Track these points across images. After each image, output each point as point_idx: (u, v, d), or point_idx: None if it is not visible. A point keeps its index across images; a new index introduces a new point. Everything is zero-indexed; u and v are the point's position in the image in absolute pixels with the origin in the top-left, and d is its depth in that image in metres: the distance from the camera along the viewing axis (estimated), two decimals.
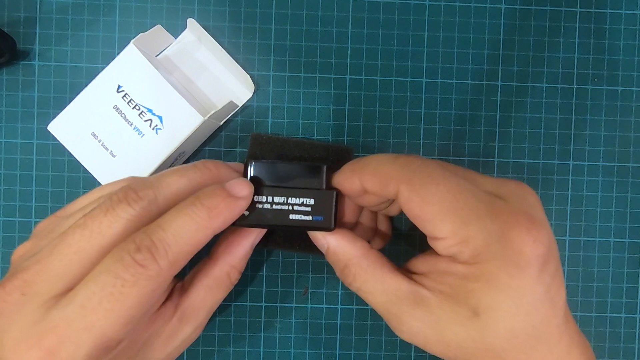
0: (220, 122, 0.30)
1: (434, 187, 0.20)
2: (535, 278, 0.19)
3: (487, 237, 0.19)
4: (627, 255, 0.31)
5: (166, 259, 0.19)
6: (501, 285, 0.19)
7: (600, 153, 0.31)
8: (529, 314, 0.20)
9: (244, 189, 0.21)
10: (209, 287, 0.23)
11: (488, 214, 0.20)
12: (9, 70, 0.29)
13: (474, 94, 0.30)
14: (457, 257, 0.20)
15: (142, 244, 0.18)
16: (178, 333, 0.22)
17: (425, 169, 0.21)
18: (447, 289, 0.21)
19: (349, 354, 0.30)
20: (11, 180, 0.29)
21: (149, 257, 0.18)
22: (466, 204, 0.20)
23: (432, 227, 0.20)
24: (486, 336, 0.20)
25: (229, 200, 0.21)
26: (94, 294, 0.18)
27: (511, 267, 0.19)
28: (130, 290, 0.18)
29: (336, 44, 0.30)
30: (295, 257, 0.30)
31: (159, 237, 0.19)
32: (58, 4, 0.29)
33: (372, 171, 0.22)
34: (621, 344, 0.31)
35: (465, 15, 0.30)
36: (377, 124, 0.30)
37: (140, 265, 0.18)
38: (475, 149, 0.30)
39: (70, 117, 0.28)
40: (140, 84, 0.27)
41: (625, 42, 0.31)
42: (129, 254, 0.18)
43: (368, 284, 0.22)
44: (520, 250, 0.19)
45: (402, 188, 0.20)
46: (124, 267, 0.18)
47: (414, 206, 0.20)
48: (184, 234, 0.19)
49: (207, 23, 0.30)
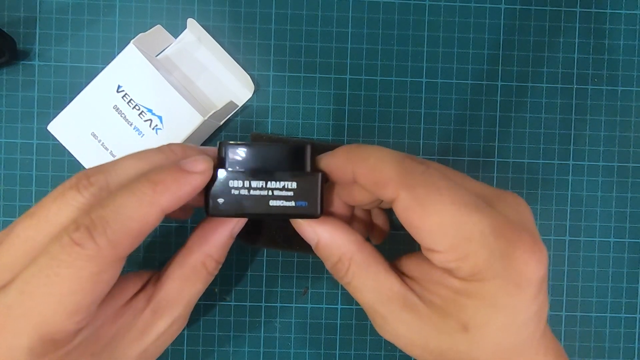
0: (220, 122, 0.30)
1: (437, 198, 0.19)
2: (532, 298, 0.19)
3: (489, 255, 0.18)
4: (627, 255, 0.31)
5: (104, 237, 0.17)
6: (498, 304, 0.19)
7: (600, 153, 0.31)
8: (519, 332, 0.19)
9: (198, 164, 0.19)
10: (185, 277, 0.21)
11: (492, 230, 0.18)
12: (9, 70, 0.29)
13: (474, 94, 0.30)
14: (453, 272, 0.19)
15: (82, 222, 0.17)
16: (152, 327, 0.21)
17: (429, 177, 0.19)
18: (437, 300, 0.20)
19: (349, 354, 0.30)
20: (11, 180, 0.29)
21: (86, 235, 0.17)
22: (470, 218, 0.18)
23: (430, 240, 0.19)
24: (473, 350, 0.19)
25: (179, 174, 0.19)
26: (32, 276, 0.17)
27: (511, 287, 0.19)
28: (66, 272, 0.17)
29: (336, 44, 0.30)
30: (295, 257, 0.30)
31: (98, 214, 0.17)
32: (58, 4, 0.29)
33: (371, 167, 0.20)
34: (621, 344, 0.31)
35: (465, 15, 0.30)
36: (377, 124, 0.30)
37: (77, 245, 0.17)
38: (475, 149, 0.30)
39: (70, 117, 0.28)
40: (140, 84, 0.27)
41: (625, 42, 0.31)
42: (67, 234, 0.17)
43: (359, 280, 0.21)
44: (523, 270, 0.19)
45: (403, 194, 0.19)
46: (62, 248, 0.17)
47: (413, 216, 0.19)
48: (124, 210, 0.18)
49: (207, 23, 0.30)
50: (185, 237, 0.30)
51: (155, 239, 0.30)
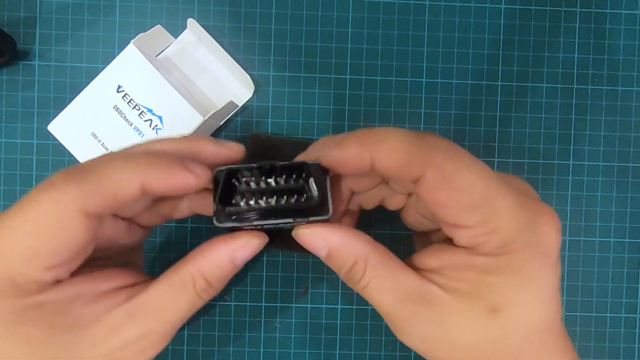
0: (220, 122, 0.30)
1: (466, 173, 0.18)
2: (555, 269, 0.19)
3: (518, 226, 0.18)
4: (627, 255, 0.31)
5: (78, 186, 0.17)
6: (531, 275, 0.18)
7: (600, 153, 0.31)
8: (547, 307, 0.19)
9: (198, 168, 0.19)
10: (170, 286, 0.20)
11: (516, 202, 0.18)
12: (9, 70, 0.29)
13: (474, 94, 0.30)
14: (479, 248, 0.19)
15: (65, 168, 0.18)
16: (121, 328, 0.19)
17: (455, 153, 0.18)
18: (463, 285, 0.19)
19: (349, 354, 0.30)
20: (11, 180, 0.29)
21: (62, 177, 0.17)
22: (498, 192, 0.18)
23: (458, 216, 0.18)
24: (506, 334, 0.19)
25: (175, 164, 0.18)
26: (13, 212, 0.17)
27: (541, 256, 0.18)
28: (32, 209, 0.17)
29: (336, 44, 0.30)
30: (295, 257, 0.30)
31: (84, 165, 0.18)
32: (58, 4, 0.29)
33: (391, 148, 0.18)
34: (621, 344, 0.31)
35: (465, 15, 0.30)
36: (377, 124, 0.30)
37: (51, 185, 0.17)
38: (475, 149, 0.30)
39: (70, 117, 0.28)
40: (140, 84, 0.27)
41: (625, 42, 0.31)
42: (50, 175, 0.18)
43: (377, 281, 0.20)
44: (548, 239, 0.19)
45: (429, 173, 0.18)
46: (39, 186, 0.17)
47: (441, 193, 0.18)
48: (106, 168, 0.18)
49: (207, 23, 0.30)
50: (185, 237, 0.30)
51: (155, 239, 0.30)
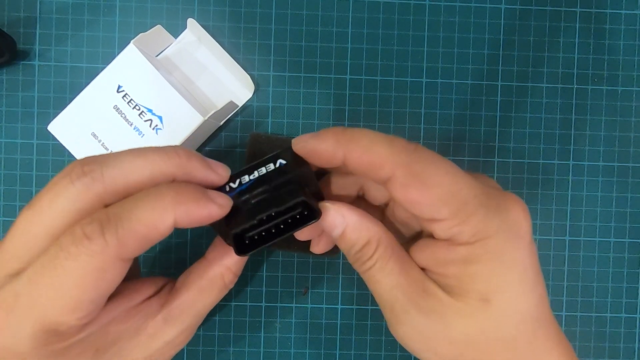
0: (220, 122, 0.30)
1: (434, 171, 0.19)
2: (530, 250, 0.20)
3: (487, 212, 0.19)
4: (627, 255, 0.31)
5: (115, 235, 0.17)
6: (507, 260, 0.19)
7: (600, 153, 0.31)
8: (532, 292, 0.20)
9: (222, 199, 0.20)
10: (201, 288, 0.22)
11: (482, 192, 0.20)
12: (9, 70, 0.29)
13: (474, 94, 0.30)
14: (456, 239, 0.20)
15: (96, 217, 0.18)
16: (161, 334, 0.21)
17: (422, 153, 0.20)
18: (451, 281, 0.20)
19: (349, 354, 0.30)
20: (11, 180, 0.29)
21: (97, 229, 0.17)
22: (464, 184, 0.19)
23: (431, 211, 0.19)
24: (499, 324, 0.19)
25: (201, 197, 0.19)
26: (42, 266, 0.17)
27: (513, 238, 0.19)
28: (71, 265, 0.17)
29: (336, 44, 0.30)
30: (295, 257, 0.30)
31: (114, 211, 0.18)
32: (58, 4, 0.29)
33: (364, 149, 0.20)
34: (621, 344, 0.31)
35: (465, 15, 0.30)
36: (377, 124, 0.30)
37: (87, 238, 0.17)
38: (475, 149, 0.30)
39: (70, 117, 0.28)
40: (140, 84, 0.27)
41: (625, 42, 0.31)
42: (80, 227, 0.17)
43: (384, 262, 0.21)
44: (517, 221, 0.20)
45: (399, 173, 0.19)
46: (72, 239, 0.17)
47: (412, 191, 0.19)
48: (138, 213, 0.18)
49: (207, 23, 0.30)
50: (185, 238, 0.30)
51: None
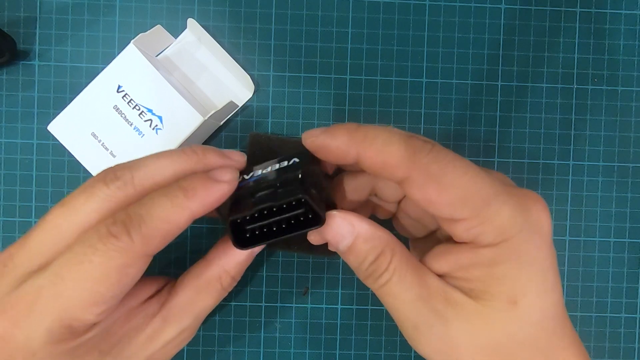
0: (220, 122, 0.30)
1: (451, 171, 0.19)
2: (551, 250, 0.19)
3: (509, 212, 0.19)
4: (627, 255, 0.31)
5: (139, 233, 0.18)
6: (531, 259, 0.19)
7: (600, 153, 0.31)
8: (552, 291, 0.19)
9: (225, 174, 0.21)
10: (198, 288, 0.22)
11: (504, 190, 0.19)
12: (9, 70, 0.29)
13: (474, 94, 0.30)
14: (479, 240, 0.19)
15: (119, 217, 0.19)
16: (160, 333, 0.22)
17: (438, 154, 0.19)
18: (477, 285, 0.19)
19: (349, 354, 0.30)
20: (11, 180, 0.29)
21: (122, 229, 0.18)
22: (484, 183, 0.19)
23: (450, 211, 0.19)
24: (523, 325, 0.19)
25: (208, 182, 0.20)
26: (67, 261, 0.18)
27: (537, 238, 0.19)
28: (98, 260, 0.18)
29: (336, 44, 0.30)
30: (295, 257, 0.30)
31: (135, 211, 0.19)
32: (58, 4, 0.29)
33: (379, 149, 0.19)
34: (621, 344, 0.31)
35: (465, 15, 0.30)
36: (377, 124, 0.30)
37: (113, 236, 0.18)
38: (475, 149, 0.30)
39: (70, 117, 0.28)
40: (140, 84, 0.27)
41: (625, 42, 0.31)
42: (105, 226, 0.18)
43: (400, 274, 0.20)
44: (538, 220, 0.19)
45: (416, 174, 0.19)
46: (98, 237, 0.18)
47: (430, 192, 0.19)
48: (158, 211, 0.19)
49: (207, 23, 0.30)
50: (184, 237, 0.30)
51: None
